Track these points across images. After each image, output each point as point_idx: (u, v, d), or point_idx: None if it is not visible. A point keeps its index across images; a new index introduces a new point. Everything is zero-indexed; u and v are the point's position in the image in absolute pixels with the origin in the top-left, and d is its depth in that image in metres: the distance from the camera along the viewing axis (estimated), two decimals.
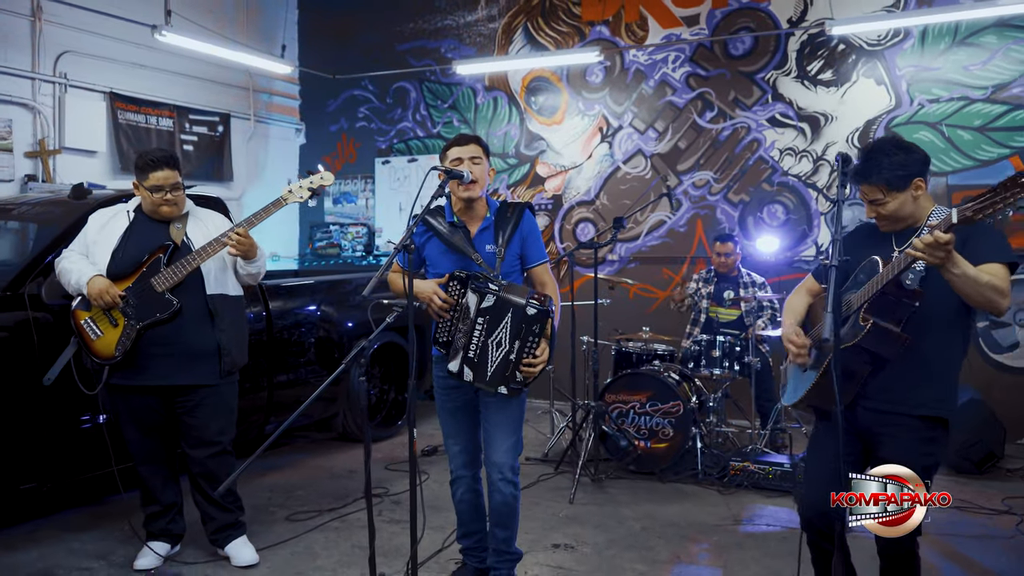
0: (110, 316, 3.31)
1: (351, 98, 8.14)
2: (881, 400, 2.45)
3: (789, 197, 6.34)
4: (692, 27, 6.60)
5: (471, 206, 3.07)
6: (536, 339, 2.87)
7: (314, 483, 4.81)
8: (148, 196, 3.40)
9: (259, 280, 3.67)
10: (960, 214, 2.09)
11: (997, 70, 5.66)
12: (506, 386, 2.92)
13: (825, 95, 6.18)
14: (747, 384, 5.22)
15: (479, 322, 2.91)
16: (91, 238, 3.45)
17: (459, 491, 3.25)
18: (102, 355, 3.31)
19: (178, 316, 3.32)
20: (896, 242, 2.52)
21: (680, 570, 3.54)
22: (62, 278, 3.41)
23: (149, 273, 3.33)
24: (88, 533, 3.95)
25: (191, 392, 3.43)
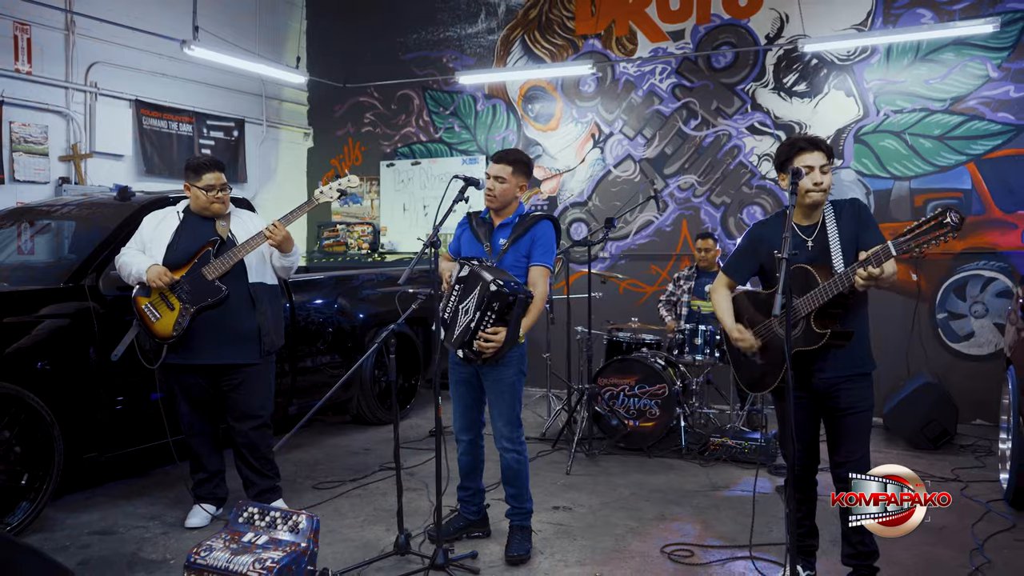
0: (167, 301, 3.81)
1: (357, 104, 8.62)
2: (830, 371, 2.99)
3: (766, 199, 6.87)
4: (678, 41, 7.12)
5: (499, 210, 3.60)
6: (493, 315, 3.28)
7: (334, 459, 5.30)
8: (201, 195, 3.90)
9: (291, 273, 4.18)
10: (897, 248, 2.63)
11: (955, 84, 6.20)
12: (463, 351, 3.39)
13: (799, 105, 6.71)
14: (727, 370, 5.77)
15: (455, 288, 3.47)
16: (147, 236, 3.95)
17: (458, 450, 3.77)
18: (161, 335, 3.80)
19: (225, 301, 3.82)
20: (803, 234, 3.04)
21: (665, 526, 4.06)
22: (122, 270, 3.90)
23: (200, 264, 3.83)
24: (139, 499, 4.43)
25: (236, 370, 3.93)
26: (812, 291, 2.89)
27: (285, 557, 2.53)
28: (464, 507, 3.84)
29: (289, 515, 2.71)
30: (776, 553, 3.54)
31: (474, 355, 3.40)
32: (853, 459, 2.98)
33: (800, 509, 3.24)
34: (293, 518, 2.69)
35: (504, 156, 3.64)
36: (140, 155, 7.01)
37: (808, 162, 3.04)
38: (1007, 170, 6.06)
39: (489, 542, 3.81)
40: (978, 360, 6.19)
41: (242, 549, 2.59)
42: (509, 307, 3.30)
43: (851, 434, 3.01)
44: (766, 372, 3.10)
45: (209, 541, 2.72)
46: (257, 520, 2.74)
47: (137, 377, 4.24)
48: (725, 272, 3.32)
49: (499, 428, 3.59)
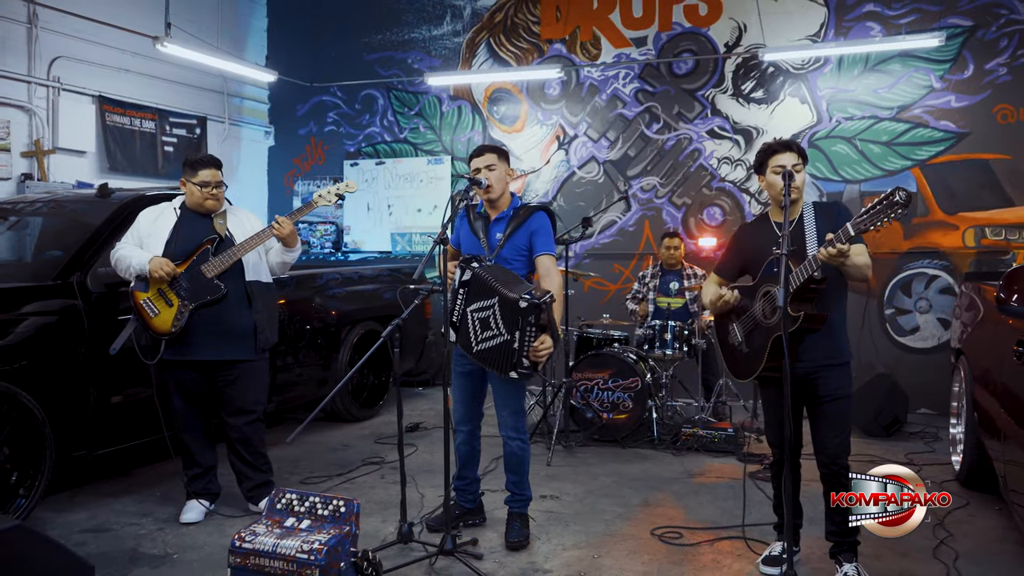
0: (165, 297, 3.83)
1: (320, 104, 8.63)
2: (807, 359, 3.19)
3: (726, 201, 7.17)
4: (641, 48, 7.36)
5: (494, 203, 3.71)
6: (533, 329, 3.32)
7: (315, 455, 5.35)
8: (196, 191, 3.94)
9: (287, 270, 4.24)
10: (855, 228, 2.85)
11: (901, 93, 6.60)
12: (516, 371, 3.39)
13: (757, 111, 7.03)
14: (692, 364, 6.05)
15: (460, 292, 3.56)
16: (144, 231, 3.96)
17: (457, 440, 3.89)
18: (159, 331, 3.83)
19: (224, 299, 3.86)
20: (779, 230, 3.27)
21: (650, 511, 4.25)
22: (119, 264, 3.91)
23: (199, 261, 3.87)
24: (126, 497, 4.42)
25: (231, 366, 3.99)
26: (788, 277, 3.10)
27: (332, 539, 2.61)
28: (460, 496, 3.96)
29: (329, 500, 2.79)
30: (759, 533, 3.76)
31: (529, 370, 3.41)
32: (832, 444, 3.21)
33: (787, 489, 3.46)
34: (333, 502, 2.77)
35: (486, 147, 3.76)
36: (103, 152, 6.91)
37: (781, 162, 3.27)
38: (949, 175, 6.47)
39: (486, 529, 3.94)
40: (923, 352, 6.60)
41: (286, 533, 2.67)
42: (543, 314, 3.35)
43: (829, 421, 3.23)
44: (751, 359, 3.31)
45: (251, 527, 2.78)
46: (296, 506, 2.81)
47: (126, 373, 4.24)
48: (716, 272, 3.54)
49: (504, 418, 3.72)
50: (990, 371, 3.89)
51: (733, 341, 3.42)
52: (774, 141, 3.37)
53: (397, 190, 8.30)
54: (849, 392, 3.25)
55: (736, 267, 3.47)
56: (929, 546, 3.66)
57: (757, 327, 3.27)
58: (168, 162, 7.53)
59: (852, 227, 2.86)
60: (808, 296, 3.09)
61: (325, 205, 4.08)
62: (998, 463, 3.86)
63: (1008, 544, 3.75)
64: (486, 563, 3.52)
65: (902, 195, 2.72)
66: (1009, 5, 6.27)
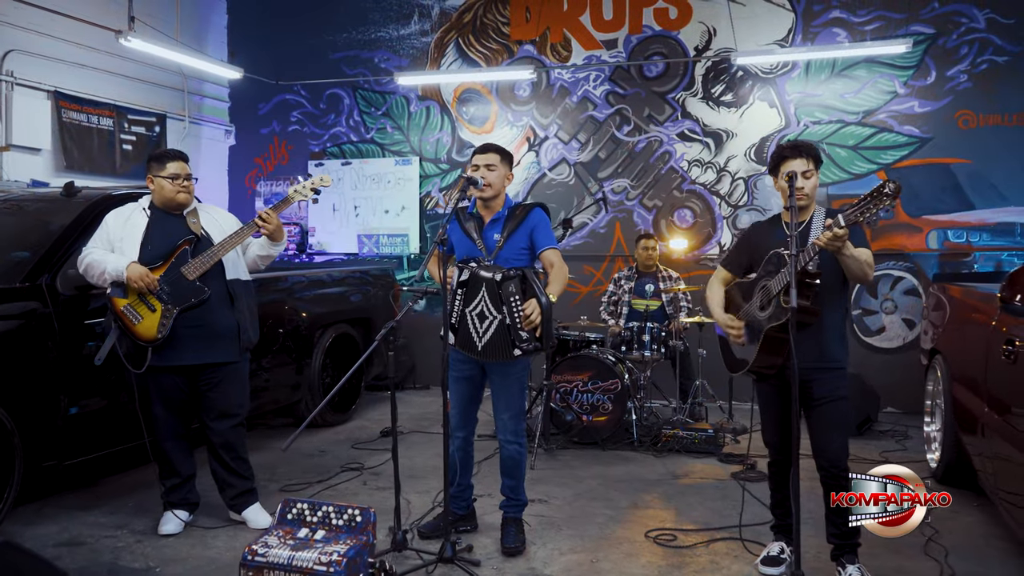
0: (147, 302, 3.67)
1: (283, 102, 8.44)
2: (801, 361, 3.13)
3: (696, 203, 7.23)
4: (611, 50, 7.38)
5: (488, 203, 3.65)
6: (516, 297, 3.36)
7: (291, 461, 5.20)
8: (166, 184, 3.79)
9: (266, 264, 4.12)
10: (846, 218, 2.88)
11: (866, 99, 6.74)
12: (518, 348, 3.42)
13: (726, 114, 7.10)
14: (665, 367, 6.08)
15: (458, 293, 3.51)
16: (115, 234, 3.78)
17: (452, 446, 3.81)
18: (144, 338, 3.66)
19: (207, 301, 3.73)
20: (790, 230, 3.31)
21: (640, 513, 4.24)
22: (91, 270, 3.72)
23: (179, 263, 3.72)
24: (96, 509, 4.23)
25: (215, 369, 3.85)
26: (783, 270, 3.11)
27: (350, 550, 2.52)
28: (453, 502, 3.88)
29: (343, 509, 2.69)
30: (752, 533, 3.78)
31: (530, 343, 3.40)
32: (832, 447, 3.21)
33: (782, 491, 3.48)
34: (348, 511, 2.67)
35: (491, 146, 3.72)
36: (59, 149, 6.63)
37: (791, 168, 3.29)
38: (913, 178, 6.63)
39: (478, 535, 3.87)
40: (889, 352, 6.75)
41: (301, 544, 2.56)
42: (524, 280, 3.38)
43: (825, 423, 3.23)
44: (744, 354, 3.34)
45: (261, 538, 2.66)
46: (308, 515, 2.71)
47: (97, 379, 4.06)
48: (724, 266, 3.56)
49: (504, 421, 3.67)
50: (972, 370, 3.97)
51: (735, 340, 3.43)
52: (787, 144, 3.35)
53: (364, 191, 8.16)
54: (844, 394, 3.26)
55: (743, 263, 3.48)
56: (919, 543, 3.72)
57: (753, 321, 3.28)
58: (126, 160, 7.27)
59: (843, 218, 2.89)
60: (804, 292, 3.10)
61: (301, 199, 3.97)
62: (978, 459, 3.95)
63: (993, 540, 3.83)
64: (485, 569, 3.46)
65: (891, 187, 2.76)
66: (969, 14, 6.46)
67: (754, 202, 7.05)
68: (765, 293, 3.24)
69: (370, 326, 6.69)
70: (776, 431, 3.39)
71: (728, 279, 3.56)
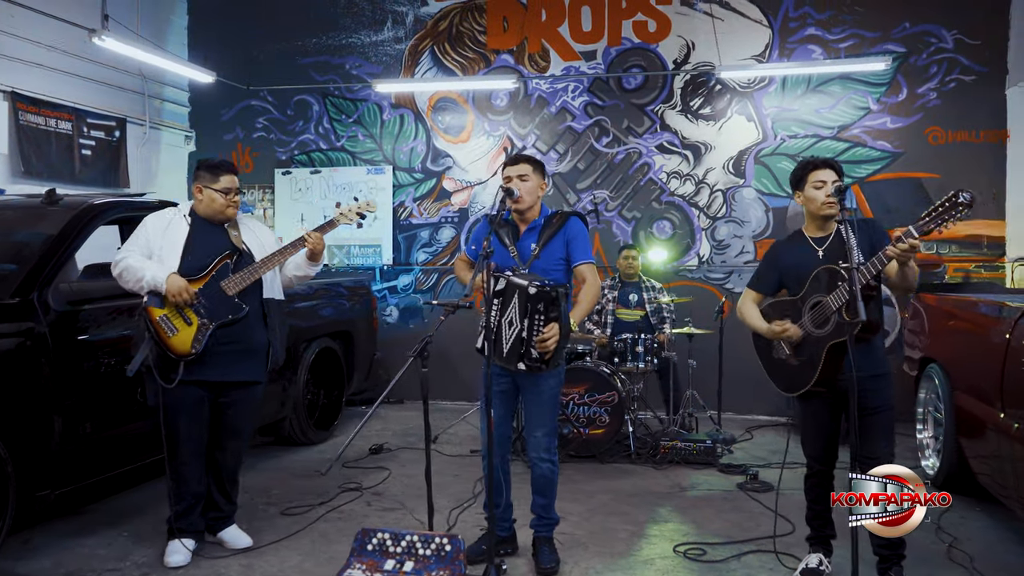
0: (183, 315, 3.49)
1: (248, 108, 8.16)
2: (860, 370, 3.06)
3: (675, 215, 7.28)
4: (590, 61, 7.39)
5: (523, 214, 3.57)
6: (541, 316, 3.29)
7: (284, 483, 4.98)
8: (219, 199, 3.64)
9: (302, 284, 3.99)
10: (919, 229, 2.90)
11: (841, 114, 6.92)
12: (523, 362, 3.36)
13: (705, 127, 7.18)
14: (652, 378, 6.09)
15: (495, 303, 3.41)
16: (155, 242, 3.61)
17: (486, 468, 3.68)
18: (178, 351, 3.47)
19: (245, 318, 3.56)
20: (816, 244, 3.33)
21: (660, 527, 4.20)
22: (127, 275, 3.53)
23: (219, 277, 3.56)
24: (89, 539, 3.96)
25: (240, 387, 3.69)
26: (840, 285, 3.10)
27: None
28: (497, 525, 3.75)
29: (429, 538, 2.55)
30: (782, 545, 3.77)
31: (536, 362, 3.35)
32: (883, 456, 3.19)
33: (822, 503, 3.48)
34: (435, 540, 2.53)
35: (523, 157, 3.69)
36: (17, 153, 6.23)
37: (820, 178, 3.32)
38: (885, 192, 6.83)
39: (518, 558, 3.75)
40: None
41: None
42: (554, 303, 3.30)
43: (878, 431, 3.25)
44: (803, 371, 3.31)
45: (347, 572, 2.49)
46: (391, 546, 2.55)
47: (93, 398, 3.81)
48: (752, 288, 3.54)
49: (538, 438, 3.57)
50: (983, 379, 4.07)
51: (779, 355, 3.41)
52: (813, 157, 3.40)
53: (334, 200, 7.94)
54: (893, 403, 3.29)
55: (774, 282, 3.48)
56: (940, 550, 3.78)
57: (807, 338, 3.27)
58: (85, 166, 6.90)
59: (916, 229, 2.89)
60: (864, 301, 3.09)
61: (346, 223, 3.83)
62: (980, 462, 4.07)
63: (1009, 544, 3.93)
64: None
65: (966, 196, 2.77)
66: (938, 34, 6.70)
67: (732, 214, 7.14)
68: (821, 310, 3.22)
69: (351, 340, 6.50)
70: (822, 444, 3.40)
71: (759, 299, 3.55)
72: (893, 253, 2.96)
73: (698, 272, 7.21)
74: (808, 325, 3.26)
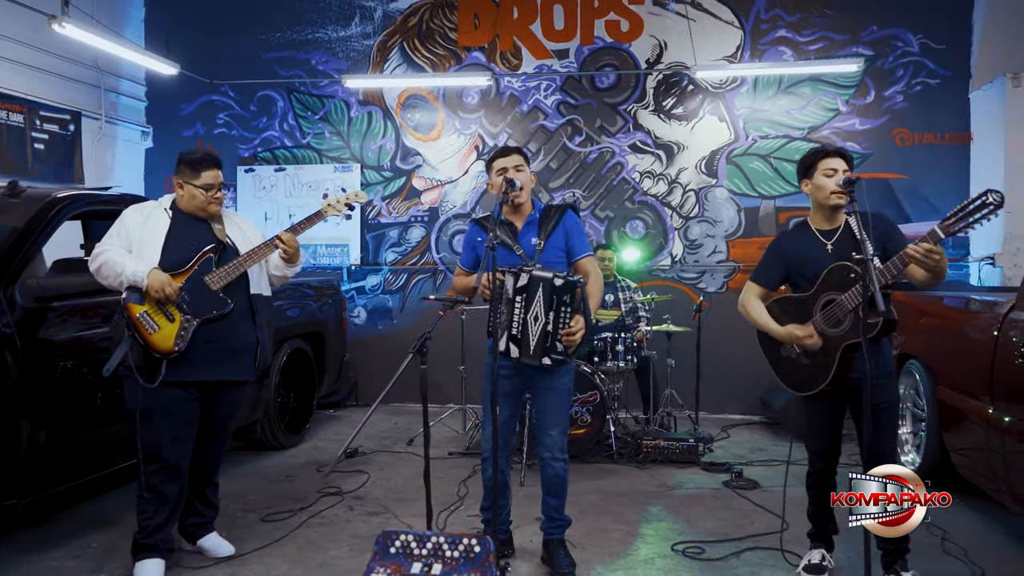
0: (165, 311, 3.30)
1: (209, 103, 7.90)
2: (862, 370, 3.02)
3: (648, 214, 7.27)
4: (562, 60, 7.34)
5: (518, 208, 3.47)
6: (568, 308, 3.24)
7: (259, 489, 4.79)
8: (199, 195, 3.45)
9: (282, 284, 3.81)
10: (945, 230, 2.87)
11: (811, 115, 7.00)
12: (548, 356, 3.27)
13: (677, 127, 7.19)
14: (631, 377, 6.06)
15: (517, 300, 3.29)
16: (135, 235, 3.41)
17: (488, 470, 3.57)
18: (160, 349, 3.28)
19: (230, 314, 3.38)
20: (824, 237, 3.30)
21: (655, 526, 4.14)
22: (106, 269, 3.33)
23: (202, 271, 3.38)
24: (56, 551, 3.73)
25: (228, 388, 3.52)
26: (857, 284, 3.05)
27: None
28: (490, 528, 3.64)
29: (457, 540, 2.42)
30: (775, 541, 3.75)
31: (562, 355, 3.27)
32: (887, 451, 3.20)
33: (824, 500, 3.46)
34: (464, 542, 2.40)
35: (513, 148, 3.58)
36: None
37: (832, 165, 3.28)
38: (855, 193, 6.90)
39: (516, 560, 3.65)
40: None
41: None
42: (578, 294, 3.24)
43: (883, 427, 3.23)
44: (815, 371, 3.26)
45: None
46: (416, 548, 2.41)
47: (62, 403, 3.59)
48: (756, 282, 3.46)
49: (553, 438, 3.46)
50: (969, 374, 4.11)
51: (788, 354, 3.36)
52: (823, 145, 3.36)
53: (300, 199, 7.73)
54: (897, 399, 3.29)
55: (779, 276, 3.44)
56: (934, 543, 3.80)
57: (820, 337, 3.22)
58: (38, 161, 6.57)
59: (941, 229, 2.86)
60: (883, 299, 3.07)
61: (334, 215, 3.68)
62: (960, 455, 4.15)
63: (998, 535, 3.98)
64: None
65: (996, 196, 2.75)
66: (904, 39, 6.83)
67: (705, 214, 7.16)
68: (835, 309, 3.17)
69: (322, 341, 6.31)
70: (827, 441, 3.38)
71: (763, 293, 3.48)
72: (915, 254, 2.90)
73: (671, 272, 7.20)
74: (821, 324, 3.22)
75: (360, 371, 7.50)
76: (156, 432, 3.35)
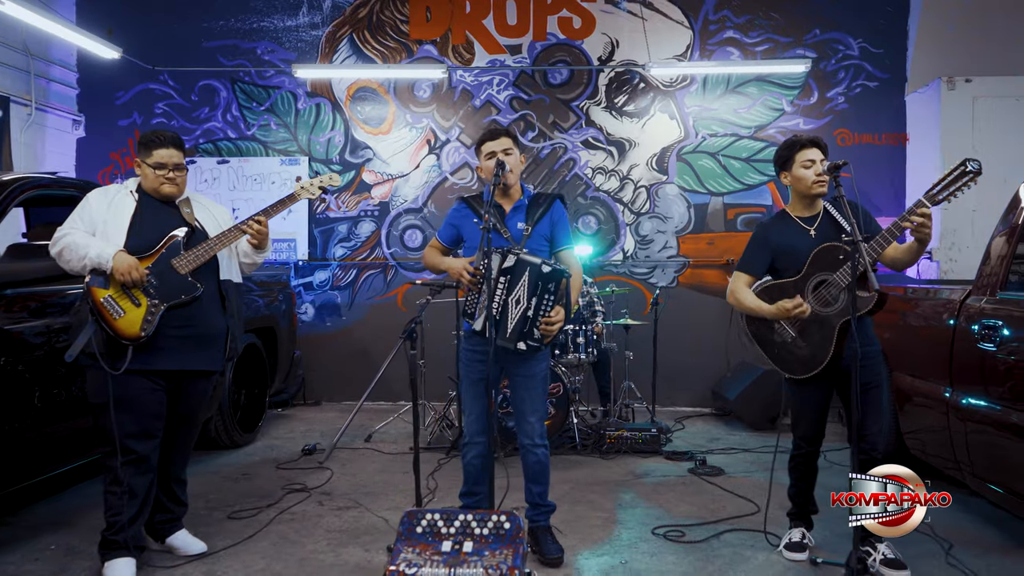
0: (131, 296, 3.12)
1: (146, 92, 7.59)
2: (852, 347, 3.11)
3: (600, 210, 7.34)
4: (515, 55, 7.34)
5: (507, 191, 3.44)
6: (551, 297, 3.23)
7: (220, 487, 4.62)
8: (150, 174, 3.27)
9: (251, 271, 3.66)
10: (930, 199, 2.99)
11: (757, 114, 7.19)
12: (524, 342, 3.26)
13: (629, 124, 7.29)
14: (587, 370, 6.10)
15: (500, 281, 3.25)
16: (100, 216, 3.23)
17: (469, 454, 3.53)
18: (125, 335, 3.10)
19: (199, 299, 3.23)
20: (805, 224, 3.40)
21: (631, 512, 4.16)
22: (68, 253, 3.14)
23: (169, 255, 3.21)
24: (13, 554, 3.52)
25: (198, 378, 3.37)
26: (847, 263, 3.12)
27: (515, 559, 2.19)
28: None
29: (486, 516, 2.35)
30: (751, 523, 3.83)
31: (538, 343, 3.24)
32: (873, 431, 3.27)
33: (807, 481, 3.56)
34: (492, 519, 2.33)
35: (502, 131, 3.52)
36: None
37: (809, 156, 3.37)
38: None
39: None
40: None
41: (452, 559, 2.18)
42: (561, 285, 3.24)
43: (870, 407, 3.31)
44: (814, 351, 3.31)
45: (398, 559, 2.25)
46: (443, 527, 2.33)
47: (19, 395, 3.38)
48: (742, 270, 3.50)
49: (532, 424, 3.44)
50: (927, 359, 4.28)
51: (782, 338, 3.41)
52: (799, 136, 3.45)
53: (244, 192, 7.50)
54: (883, 379, 3.37)
55: (766, 263, 3.50)
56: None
57: (814, 319, 3.29)
58: None
59: (926, 199, 2.97)
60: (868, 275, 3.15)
61: (308, 198, 3.56)
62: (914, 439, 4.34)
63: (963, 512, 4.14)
64: None
65: (974, 165, 2.87)
66: (845, 42, 7.09)
67: (655, 210, 7.27)
68: (827, 289, 3.24)
69: (274, 336, 6.13)
70: (815, 426, 3.45)
71: (751, 281, 3.53)
72: (909, 226, 3.01)
73: (623, 267, 7.28)
74: (814, 305, 3.29)
75: (308, 369, 7.33)
76: (122, 424, 3.16)
